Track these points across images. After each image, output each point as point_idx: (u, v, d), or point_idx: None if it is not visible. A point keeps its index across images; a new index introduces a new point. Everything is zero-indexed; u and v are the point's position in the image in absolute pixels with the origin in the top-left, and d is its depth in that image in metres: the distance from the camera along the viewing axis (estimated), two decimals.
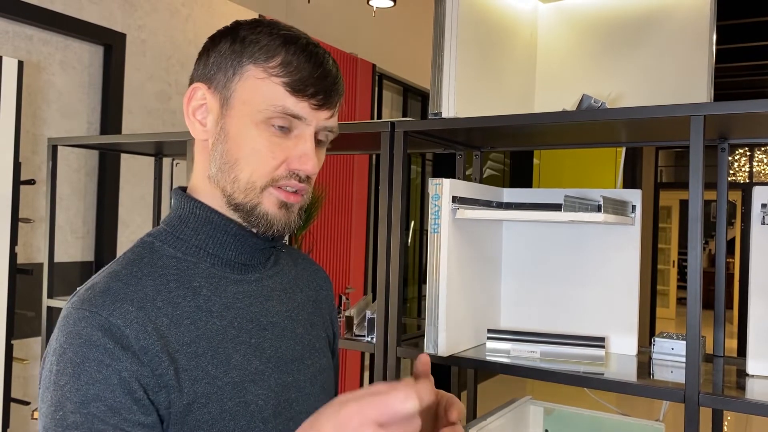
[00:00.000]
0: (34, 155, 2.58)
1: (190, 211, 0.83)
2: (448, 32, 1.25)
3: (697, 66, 1.32)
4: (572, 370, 1.16)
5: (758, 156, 9.17)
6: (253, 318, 0.83)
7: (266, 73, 0.79)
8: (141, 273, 0.77)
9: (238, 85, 0.80)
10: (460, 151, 1.59)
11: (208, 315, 0.78)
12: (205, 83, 0.82)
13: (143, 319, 0.73)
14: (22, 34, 2.55)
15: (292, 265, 0.96)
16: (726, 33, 4.52)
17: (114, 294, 0.74)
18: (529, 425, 1.38)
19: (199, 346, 0.76)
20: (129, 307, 0.73)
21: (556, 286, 1.39)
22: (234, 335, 0.80)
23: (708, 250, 9.96)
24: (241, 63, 0.80)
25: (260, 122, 0.79)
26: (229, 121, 0.80)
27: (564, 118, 1.16)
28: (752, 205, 1.20)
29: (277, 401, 0.81)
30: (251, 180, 0.80)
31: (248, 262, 0.85)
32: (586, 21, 1.48)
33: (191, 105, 0.83)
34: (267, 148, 0.79)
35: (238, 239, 0.83)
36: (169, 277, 0.78)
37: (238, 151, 0.80)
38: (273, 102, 0.78)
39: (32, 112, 2.58)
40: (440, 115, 1.26)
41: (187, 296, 0.78)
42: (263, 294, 0.86)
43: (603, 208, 1.16)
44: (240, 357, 0.79)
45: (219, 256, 0.82)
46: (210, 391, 0.75)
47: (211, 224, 0.82)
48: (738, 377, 1.20)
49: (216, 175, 0.82)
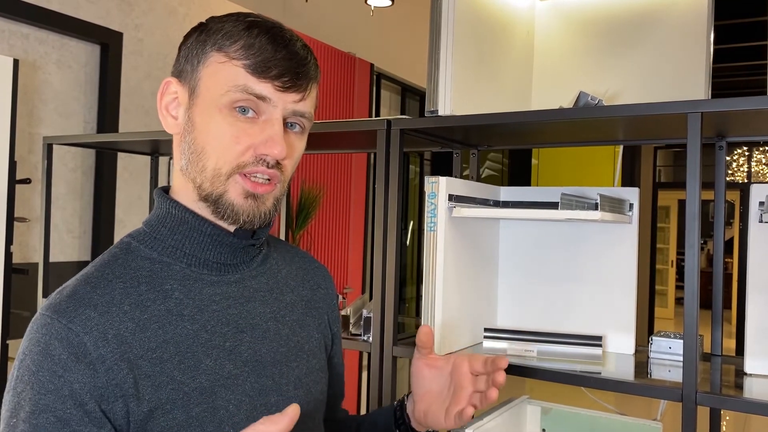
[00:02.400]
0: (31, 154, 2.57)
1: (167, 211, 0.81)
2: (444, 29, 1.24)
3: (695, 64, 1.32)
4: (569, 369, 1.16)
5: (757, 156, 9.18)
6: (230, 320, 0.80)
7: (227, 57, 0.77)
8: (112, 275, 0.76)
9: (203, 73, 0.78)
10: (457, 149, 1.58)
11: (179, 318, 0.76)
12: (176, 77, 0.82)
13: (105, 326, 0.71)
14: (18, 33, 2.54)
15: (284, 263, 0.93)
16: (723, 33, 4.52)
17: (79, 299, 0.72)
18: (527, 424, 1.37)
19: (166, 351, 0.74)
20: (91, 312, 0.71)
21: (553, 285, 1.38)
22: (206, 339, 0.77)
23: (707, 250, 9.98)
24: (205, 50, 0.79)
25: (223, 107, 0.77)
26: (194, 110, 0.79)
27: (560, 115, 1.15)
28: (750, 203, 1.19)
29: (252, 406, 0.79)
30: (217, 167, 0.78)
31: (228, 261, 0.82)
32: (583, 18, 1.48)
33: (164, 100, 0.82)
34: (231, 134, 0.77)
35: (214, 239, 0.80)
36: (140, 279, 0.77)
37: (203, 140, 0.78)
38: (234, 83, 0.76)
39: (28, 111, 2.57)
40: (437, 112, 1.25)
41: (157, 299, 0.76)
42: (244, 295, 0.83)
43: (600, 206, 1.15)
44: (211, 361, 0.76)
45: (196, 256, 0.80)
46: (175, 397, 0.73)
47: (186, 224, 0.80)
48: (736, 376, 1.20)
49: (186, 167, 0.80)
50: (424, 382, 0.94)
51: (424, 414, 0.94)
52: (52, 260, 2.30)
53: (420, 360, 0.95)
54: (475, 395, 0.90)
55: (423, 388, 0.94)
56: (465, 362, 0.90)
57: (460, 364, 0.91)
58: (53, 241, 2.52)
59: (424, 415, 0.94)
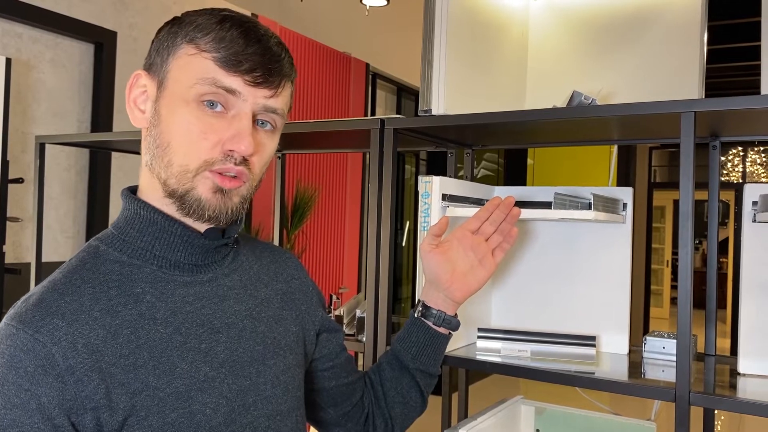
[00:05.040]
0: (24, 154, 2.56)
1: (135, 212, 0.78)
2: (438, 28, 1.24)
3: (689, 64, 1.32)
4: (563, 369, 1.15)
5: (751, 156, 9.20)
6: (205, 321, 0.78)
7: (197, 49, 0.75)
8: (81, 281, 0.73)
9: (172, 65, 0.76)
10: (452, 149, 1.58)
11: (152, 322, 0.74)
12: (146, 70, 0.80)
13: (74, 335, 0.68)
14: (12, 32, 2.53)
15: (255, 259, 0.90)
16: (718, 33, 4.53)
17: (46, 307, 0.69)
18: (521, 425, 1.37)
19: (139, 356, 0.71)
20: (59, 322, 0.69)
21: (547, 285, 1.38)
22: (180, 342, 0.75)
23: (701, 250, 10.00)
24: (176, 42, 0.77)
25: (191, 100, 0.75)
26: (161, 102, 0.77)
27: (554, 114, 1.15)
28: (743, 202, 1.19)
29: (230, 408, 0.77)
30: (184, 163, 0.75)
31: (200, 262, 0.80)
32: (577, 18, 1.48)
33: (132, 93, 0.80)
34: (198, 128, 0.75)
35: (184, 240, 0.78)
36: (110, 284, 0.74)
37: (169, 134, 0.76)
38: (203, 75, 0.74)
39: (22, 111, 2.56)
40: (430, 112, 1.25)
41: (129, 304, 0.73)
42: (218, 294, 0.81)
43: (593, 205, 1.15)
44: (186, 365, 0.74)
45: (166, 258, 0.78)
46: (150, 404, 0.70)
47: (155, 225, 0.78)
48: (730, 376, 1.19)
49: (151, 162, 0.78)
50: (447, 266, 1.01)
51: (466, 290, 1.03)
52: (45, 260, 2.29)
53: (433, 251, 1.02)
54: (494, 240, 1.04)
55: (447, 272, 1.01)
56: (465, 231, 1.03)
57: (463, 235, 1.03)
58: (46, 241, 2.50)
59: (467, 290, 1.03)
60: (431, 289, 1.03)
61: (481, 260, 1.02)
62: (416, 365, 1.03)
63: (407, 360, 1.03)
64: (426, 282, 1.04)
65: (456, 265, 1.01)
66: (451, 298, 1.02)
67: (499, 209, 1.05)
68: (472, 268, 1.02)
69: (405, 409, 1.05)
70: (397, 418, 1.05)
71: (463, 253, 1.01)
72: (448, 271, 1.01)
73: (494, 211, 1.04)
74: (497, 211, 1.05)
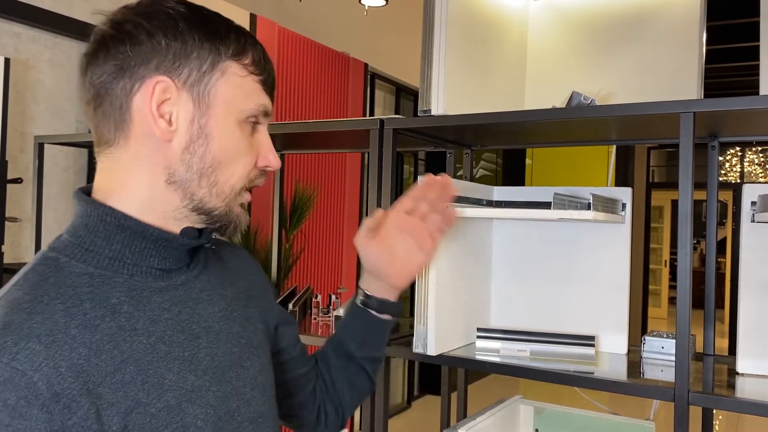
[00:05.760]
0: (22, 154, 2.56)
1: (99, 219, 0.72)
2: (437, 28, 1.24)
3: (688, 64, 1.32)
4: (562, 369, 1.15)
5: (749, 157, 9.22)
6: (184, 327, 0.74)
7: (246, 71, 0.76)
8: (48, 297, 0.65)
9: (219, 83, 0.74)
10: (451, 149, 1.58)
11: (133, 334, 0.68)
12: (168, 75, 0.72)
13: (55, 358, 0.61)
14: (10, 32, 2.52)
15: (216, 258, 0.87)
16: (716, 34, 4.53)
17: (16, 330, 0.62)
18: (520, 425, 1.37)
19: (126, 372, 0.66)
20: (36, 345, 0.61)
21: (547, 285, 1.38)
22: (165, 351, 0.70)
23: (699, 249, 10.01)
24: (219, 58, 0.74)
25: (243, 121, 0.76)
26: (209, 120, 0.74)
27: (553, 115, 1.15)
28: (742, 202, 1.20)
29: (218, 417, 0.74)
30: (232, 182, 0.76)
31: (173, 266, 0.76)
32: (576, 18, 1.48)
33: (154, 100, 0.72)
34: (248, 148, 0.77)
35: (159, 244, 0.74)
36: (81, 296, 0.67)
37: (222, 153, 0.74)
38: (257, 101, 0.77)
39: (20, 111, 2.56)
40: (430, 112, 1.25)
41: (106, 316, 0.67)
42: (192, 297, 0.77)
43: (593, 205, 1.15)
44: (174, 375, 0.70)
45: (138, 265, 0.72)
46: (143, 422, 0.65)
47: (126, 231, 0.72)
48: (728, 376, 1.20)
49: (185, 180, 0.74)
50: (385, 255, 0.98)
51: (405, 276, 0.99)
52: None
53: (370, 242, 0.98)
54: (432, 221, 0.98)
55: (386, 261, 0.98)
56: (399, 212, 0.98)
57: (398, 217, 0.97)
58: (45, 241, 2.49)
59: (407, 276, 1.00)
60: (371, 279, 1.01)
61: (419, 244, 0.99)
62: (362, 353, 1.02)
63: (353, 349, 1.01)
64: (365, 272, 1.01)
65: (394, 252, 0.98)
66: (392, 285, 1.01)
67: (434, 188, 1.01)
68: (410, 253, 0.98)
69: (354, 394, 1.05)
70: (346, 404, 1.05)
71: (400, 238, 0.98)
72: (386, 259, 0.98)
73: (429, 191, 1.01)
74: (432, 190, 1.01)
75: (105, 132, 0.74)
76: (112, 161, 0.74)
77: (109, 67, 0.72)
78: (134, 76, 0.72)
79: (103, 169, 0.75)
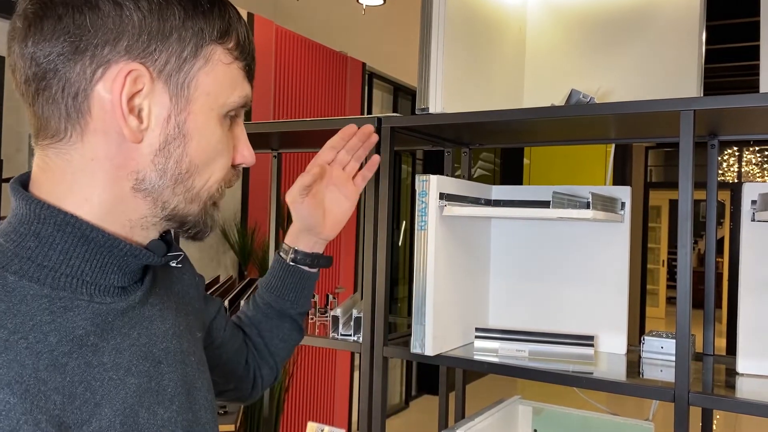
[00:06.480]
0: (18, 153, 2.54)
1: (56, 227, 0.59)
2: (435, 26, 1.23)
3: (687, 62, 1.31)
4: (561, 369, 1.15)
5: (747, 156, 9.22)
6: (147, 353, 0.64)
7: (231, 57, 0.64)
8: (5, 331, 0.52)
9: (201, 72, 0.62)
10: (449, 148, 1.57)
11: (102, 370, 0.58)
12: (141, 62, 0.58)
13: (33, 412, 0.51)
14: (4, 30, 2.51)
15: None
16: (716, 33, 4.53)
17: None
18: (518, 425, 1.36)
19: (102, 417, 0.56)
20: (9, 397, 0.50)
21: (545, 285, 1.37)
22: (135, 385, 0.61)
23: (698, 249, 10.03)
24: (204, 40, 0.61)
25: (222, 116, 0.65)
26: (188, 117, 0.62)
27: (552, 113, 1.14)
28: (742, 202, 1.19)
29: None
30: (208, 185, 0.65)
31: (130, 282, 0.65)
32: (575, 16, 1.47)
33: (125, 93, 0.58)
34: (227, 146, 0.66)
35: (124, 259, 0.62)
36: (44, 328, 0.55)
37: (200, 155, 0.63)
38: (241, 93, 0.66)
39: (16, 109, 2.54)
40: (427, 110, 1.24)
41: (73, 352, 0.56)
42: (146, 316, 0.66)
43: (592, 204, 1.14)
44: (145, 411, 0.61)
45: (97, 284, 0.60)
46: None
47: (89, 244, 0.60)
48: (728, 376, 1.19)
49: (157, 188, 0.62)
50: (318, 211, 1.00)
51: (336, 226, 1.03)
52: None
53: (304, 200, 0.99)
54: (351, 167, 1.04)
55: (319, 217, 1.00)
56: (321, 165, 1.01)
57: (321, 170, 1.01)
58: None
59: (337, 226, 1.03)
60: (302, 235, 1.01)
61: (343, 192, 1.01)
62: (296, 310, 1.02)
63: (286, 307, 1.01)
64: (295, 230, 1.01)
65: (325, 207, 1.00)
66: (324, 238, 1.02)
67: (356, 137, 1.03)
68: (338, 204, 1.01)
69: (288, 348, 1.05)
70: (280, 359, 1.05)
71: (328, 192, 1.00)
72: (320, 215, 1.00)
73: (350, 140, 1.03)
74: (354, 140, 1.03)
75: (51, 121, 0.60)
76: (60, 159, 0.60)
77: (60, 44, 0.57)
78: (96, 59, 0.57)
79: (49, 167, 0.61)
